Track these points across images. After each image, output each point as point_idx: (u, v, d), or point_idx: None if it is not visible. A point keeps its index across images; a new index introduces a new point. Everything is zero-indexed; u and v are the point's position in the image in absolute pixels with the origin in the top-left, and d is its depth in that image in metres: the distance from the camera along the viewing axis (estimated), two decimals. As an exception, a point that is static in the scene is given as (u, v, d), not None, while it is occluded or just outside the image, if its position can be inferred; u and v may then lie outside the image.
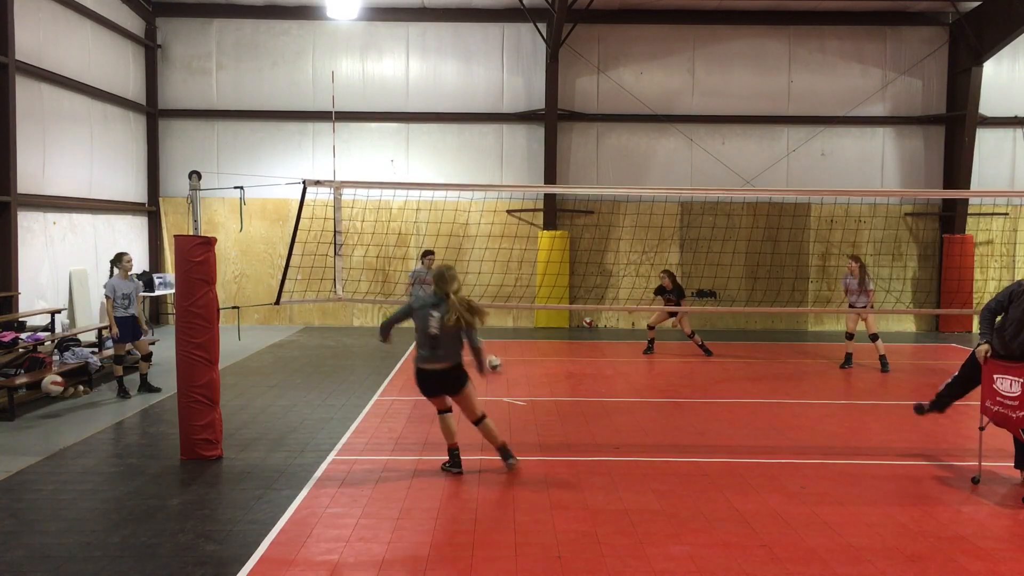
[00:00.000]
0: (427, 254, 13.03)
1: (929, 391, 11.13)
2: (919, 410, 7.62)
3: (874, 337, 12.69)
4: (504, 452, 7.19)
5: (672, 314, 14.07)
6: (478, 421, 7.17)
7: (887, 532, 5.83)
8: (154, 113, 17.71)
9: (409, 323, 7.20)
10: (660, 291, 14.15)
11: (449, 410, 7.21)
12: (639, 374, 12.28)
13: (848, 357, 12.98)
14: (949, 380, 7.47)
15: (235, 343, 14.03)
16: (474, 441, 8.23)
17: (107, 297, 10.33)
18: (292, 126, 18.07)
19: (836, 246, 18.06)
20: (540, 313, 17.97)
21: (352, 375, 11.92)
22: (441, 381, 7.03)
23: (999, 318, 6.85)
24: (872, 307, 12.77)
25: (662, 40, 18.21)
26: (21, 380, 9.49)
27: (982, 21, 17.12)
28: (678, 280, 14.24)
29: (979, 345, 6.88)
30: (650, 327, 14.42)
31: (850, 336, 13.00)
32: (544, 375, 11.96)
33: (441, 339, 6.89)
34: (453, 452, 7.21)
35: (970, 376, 7.23)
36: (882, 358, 12.61)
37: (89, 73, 15.10)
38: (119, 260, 10.43)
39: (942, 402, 7.53)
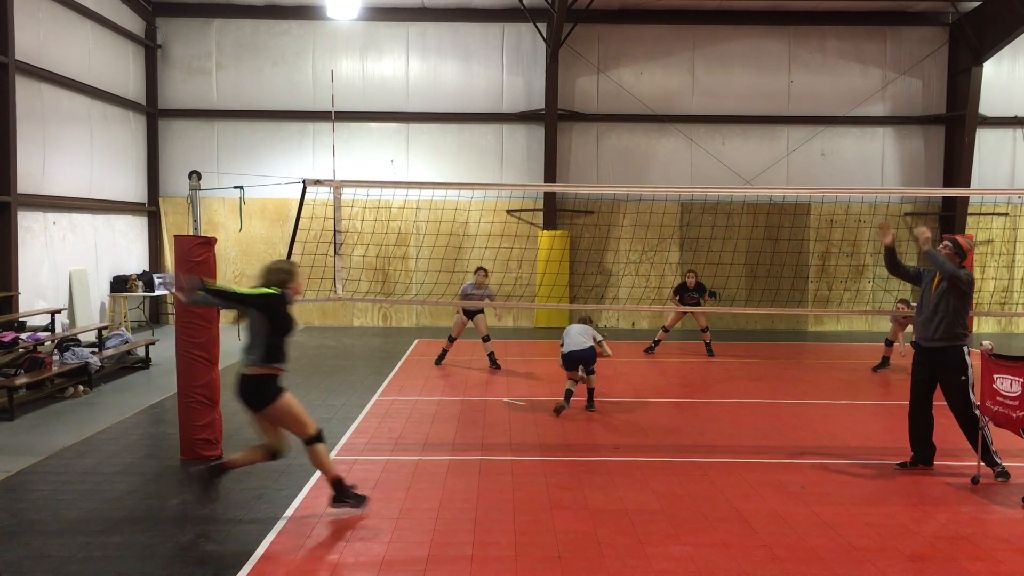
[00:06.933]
0: (479, 270, 12.48)
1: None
2: (903, 466, 7.39)
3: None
4: (338, 488, 5.99)
5: (685, 313, 13.92)
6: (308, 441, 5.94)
7: (887, 532, 5.83)
8: (154, 113, 17.71)
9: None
10: (681, 289, 13.98)
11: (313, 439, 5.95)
12: (639, 374, 12.28)
13: (885, 360, 12.59)
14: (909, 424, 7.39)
15: (235, 343, 13.97)
16: (474, 440, 8.24)
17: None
18: (292, 126, 18.07)
19: (836, 245, 18.07)
20: (540, 313, 17.97)
21: (352, 375, 11.91)
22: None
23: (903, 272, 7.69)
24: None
25: (662, 40, 18.22)
26: (21, 380, 9.49)
27: (982, 21, 17.11)
28: (700, 279, 14.09)
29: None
30: (665, 329, 14.26)
31: (890, 343, 12.58)
32: (544, 375, 11.95)
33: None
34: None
35: (914, 398, 7.29)
36: None
37: (89, 73, 15.10)
38: None
39: (919, 451, 7.35)
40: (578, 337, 9.51)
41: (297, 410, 5.93)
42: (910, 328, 12.62)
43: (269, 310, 5.71)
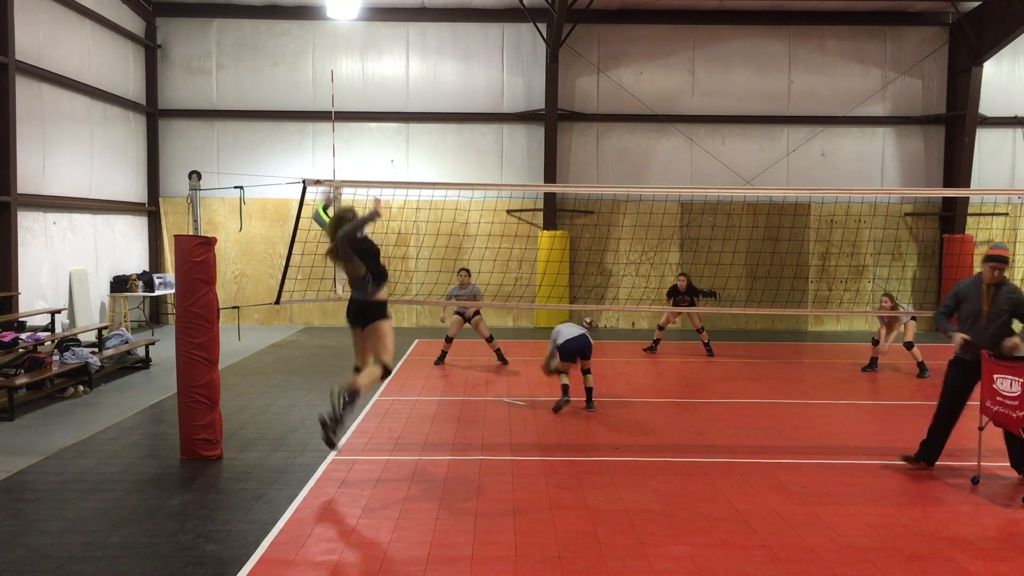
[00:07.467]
0: (461, 271, 12.83)
1: (931, 390, 11.23)
2: (907, 459, 7.44)
3: (909, 345, 12.28)
4: (351, 397, 6.65)
5: (680, 312, 13.95)
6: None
7: (887, 532, 5.83)
8: (154, 113, 17.71)
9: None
10: (673, 293, 14.03)
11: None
12: (639, 374, 12.28)
13: (873, 361, 12.63)
14: (931, 422, 7.36)
15: (235, 343, 14.03)
16: (474, 440, 8.25)
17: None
18: (292, 126, 18.07)
19: (836, 246, 18.08)
20: (540, 313, 17.97)
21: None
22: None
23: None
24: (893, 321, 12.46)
25: (662, 40, 18.21)
26: (21, 380, 9.49)
27: (982, 21, 17.11)
28: (691, 282, 14.09)
29: (954, 339, 7.12)
30: (660, 328, 14.33)
31: (876, 342, 12.53)
32: (544, 375, 11.91)
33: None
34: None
35: (951, 402, 7.23)
36: (920, 364, 12.18)
37: (89, 73, 15.10)
38: None
39: (930, 449, 7.36)
40: (571, 328, 9.62)
41: (391, 337, 6.87)
42: (911, 329, 12.68)
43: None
